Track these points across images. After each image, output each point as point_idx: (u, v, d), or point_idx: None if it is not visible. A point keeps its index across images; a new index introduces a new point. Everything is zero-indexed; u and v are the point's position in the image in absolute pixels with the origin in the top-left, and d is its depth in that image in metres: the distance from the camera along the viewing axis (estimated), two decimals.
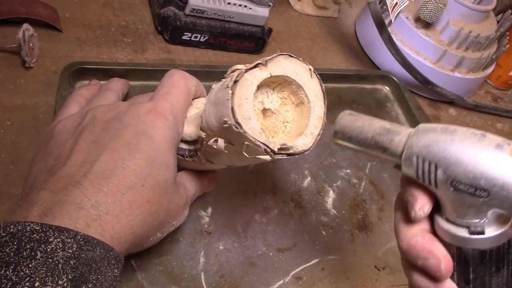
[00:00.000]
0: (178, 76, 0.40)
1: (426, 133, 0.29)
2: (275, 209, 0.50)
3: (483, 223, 0.28)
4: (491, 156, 0.26)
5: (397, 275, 0.50)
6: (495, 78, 0.86)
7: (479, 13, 0.72)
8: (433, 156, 0.28)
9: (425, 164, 0.29)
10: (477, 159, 0.27)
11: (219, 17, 0.62)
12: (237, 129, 0.30)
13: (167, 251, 0.43)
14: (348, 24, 0.85)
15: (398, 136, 0.31)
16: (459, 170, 0.27)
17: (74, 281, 0.26)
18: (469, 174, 0.27)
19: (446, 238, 0.30)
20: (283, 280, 0.45)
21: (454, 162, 0.27)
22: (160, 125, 0.35)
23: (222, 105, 0.31)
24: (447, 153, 0.28)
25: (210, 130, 0.34)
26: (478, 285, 0.30)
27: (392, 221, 0.54)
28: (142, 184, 0.32)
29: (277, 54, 0.33)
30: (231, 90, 0.30)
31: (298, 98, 0.35)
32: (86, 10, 0.62)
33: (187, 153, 0.39)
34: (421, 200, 0.30)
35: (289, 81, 0.34)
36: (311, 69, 0.34)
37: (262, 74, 0.32)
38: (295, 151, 0.33)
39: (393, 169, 0.32)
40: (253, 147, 0.31)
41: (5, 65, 0.51)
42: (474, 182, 0.27)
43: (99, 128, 0.35)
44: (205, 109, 0.34)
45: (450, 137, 0.28)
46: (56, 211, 0.29)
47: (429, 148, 0.28)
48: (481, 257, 0.29)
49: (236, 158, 0.35)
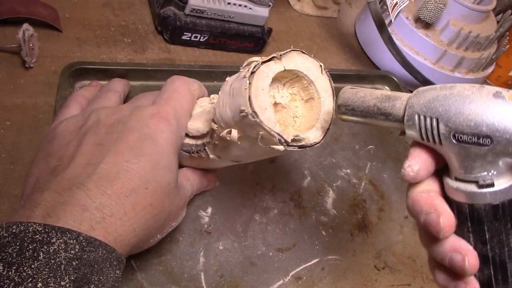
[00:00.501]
0: (180, 82, 0.40)
1: (425, 92, 0.30)
2: (275, 209, 0.50)
3: (492, 175, 0.28)
4: (490, 102, 0.27)
5: (397, 275, 0.50)
6: (495, 79, 0.86)
7: (479, 13, 0.72)
8: (434, 111, 0.28)
9: (427, 121, 0.29)
10: (477, 107, 0.27)
11: (219, 17, 0.62)
12: (254, 118, 0.31)
13: (166, 251, 0.43)
14: (348, 24, 0.85)
15: (399, 101, 0.31)
16: (460, 120, 0.27)
17: (77, 282, 0.26)
18: (470, 122, 0.27)
19: (456, 197, 0.30)
20: (282, 280, 0.45)
21: (455, 113, 0.28)
22: (163, 128, 0.36)
23: (239, 95, 0.32)
24: (447, 106, 0.28)
25: (224, 121, 0.34)
26: (496, 244, 0.29)
27: (392, 222, 0.55)
28: (145, 187, 0.32)
29: (290, 49, 0.34)
30: (248, 81, 0.31)
31: (308, 94, 0.36)
32: (86, 10, 0.62)
33: (194, 149, 0.40)
34: (413, 160, 0.31)
35: (300, 76, 0.35)
36: (321, 66, 0.35)
37: (277, 67, 0.33)
38: (307, 143, 0.34)
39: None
40: (268, 137, 0.32)
41: (5, 65, 0.51)
42: (476, 130, 0.27)
43: (103, 131, 0.35)
44: (218, 101, 0.35)
45: (449, 91, 0.28)
46: (60, 212, 0.29)
47: (430, 105, 0.29)
48: (494, 213, 0.29)
49: (247, 151, 0.36)
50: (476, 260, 0.29)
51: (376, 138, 0.63)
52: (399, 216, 0.55)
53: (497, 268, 0.30)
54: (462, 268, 0.29)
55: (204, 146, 0.39)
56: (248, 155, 0.37)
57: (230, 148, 0.36)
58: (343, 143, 0.61)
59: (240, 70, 0.34)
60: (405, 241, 0.53)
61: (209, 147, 0.39)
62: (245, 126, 0.33)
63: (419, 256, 0.52)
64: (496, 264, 0.30)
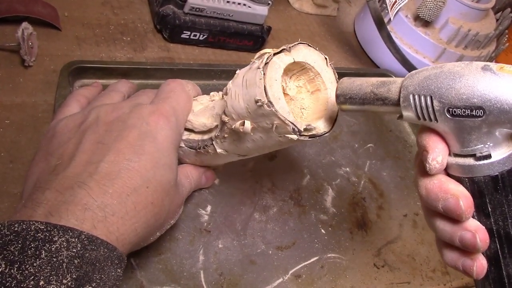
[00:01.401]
0: (175, 83, 0.42)
1: (418, 73, 0.30)
2: (274, 208, 0.50)
3: (488, 147, 0.29)
4: (479, 75, 0.27)
5: (396, 273, 0.50)
6: None
7: (478, 11, 0.72)
8: (427, 90, 0.29)
9: (422, 100, 0.30)
10: (467, 80, 0.28)
11: (218, 15, 0.62)
12: (269, 107, 0.32)
13: (166, 249, 0.43)
14: (347, 22, 0.85)
15: (394, 84, 0.32)
16: (452, 95, 0.28)
17: (78, 280, 0.26)
18: (462, 96, 0.28)
19: (455, 172, 0.31)
20: (282, 278, 0.45)
21: (447, 89, 0.28)
22: (163, 126, 0.36)
23: (254, 85, 0.33)
24: (439, 83, 0.29)
25: (236, 113, 0.35)
26: (499, 217, 0.30)
27: (391, 220, 0.55)
28: (146, 186, 0.33)
29: (297, 42, 0.35)
30: (262, 71, 0.32)
31: (314, 86, 0.37)
32: (85, 8, 0.61)
33: (200, 144, 0.40)
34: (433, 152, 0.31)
35: (307, 69, 0.36)
36: (326, 59, 0.37)
37: (287, 59, 0.34)
38: (317, 133, 0.35)
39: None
40: (282, 126, 0.33)
41: (4, 63, 0.51)
42: (468, 103, 0.28)
43: (103, 129, 0.35)
44: (230, 94, 0.36)
45: (440, 70, 0.29)
46: (62, 211, 0.29)
47: (422, 84, 0.30)
48: (494, 184, 0.30)
49: (257, 143, 0.36)
50: (486, 236, 0.30)
51: (375, 137, 0.64)
52: (398, 214, 0.56)
53: (502, 241, 0.30)
54: (474, 246, 0.30)
55: (212, 141, 0.39)
56: (258, 147, 0.37)
57: (241, 140, 0.37)
58: (342, 142, 0.61)
59: (252, 61, 0.35)
60: (404, 239, 0.53)
61: (217, 141, 0.39)
62: (259, 116, 0.33)
63: (419, 254, 0.52)
64: (501, 237, 0.30)
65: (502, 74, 0.27)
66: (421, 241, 0.54)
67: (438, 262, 0.53)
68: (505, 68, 0.27)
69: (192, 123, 0.40)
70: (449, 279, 0.52)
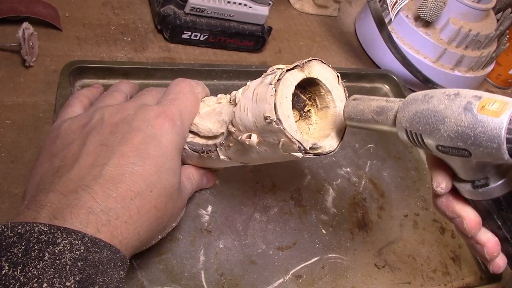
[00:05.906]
0: (185, 84, 0.41)
1: (409, 105, 0.31)
2: (275, 208, 0.50)
3: (484, 176, 0.30)
4: (460, 117, 0.27)
5: (397, 273, 0.50)
6: (495, 77, 0.86)
7: (479, 12, 0.72)
8: (417, 128, 0.30)
9: (413, 135, 0.30)
10: (450, 122, 0.28)
11: (219, 15, 0.62)
12: (278, 125, 0.32)
13: (167, 250, 0.43)
14: (348, 22, 0.85)
15: (392, 112, 0.32)
16: (437, 136, 0.29)
17: (82, 283, 0.26)
18: (447, 138, 0.28)
19: (461, 193, 0.32)
20: (283, 279, 0.45)
21: (432, 129, 0.29)
22: (169, 129, 0.36)
23: (264, 101, 0.32)
24: (426, 123, 0.29)
25: (244, 125, 0.35)
26: (509, 228, 0.32)
27: (392, 220, 0.55)
28: (150, 190, 0.32)
29: (310, 58, 0.35)
30: (274, 88, 0.32)
31: (324, 102, 0.37)
32: (86, 9, 0.61)
33: (204, 148, 0.40)
34: (437, 180, 0.33)
35: (319, 85, 0.36)
36: (338, 76, 0.36)
37: (300, 75, 0.34)
38: (322, 151, 0.35)
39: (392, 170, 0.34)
40: (289, 144, 0.33)
41: (5, 64, 0.51)
42: (453, 145, 0.28)
43: (107, 131, 0.34)
44: (239, 105, 0.35)
45: (427, 106, 0.29)
46: (66, 214, 0.29)
47: (412, 121, 0.30)
48: (498, 205, 0.31)
49: (262, 155, 0.36)
50: (495, 248, 0.32)
51: (376, 137, 0.64)
52: (399, 215, 0.56)
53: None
54: (483, 257, 0.33)
55: (216, 147, 0.39)
56: (261, 158, 0.37)
57: (246, 151, 0.37)
58: (343, 142, 0.60)
59: (264, 75, 0.35)
60: (405, 239, 0.53)
61: (221, 149, 0.39)
62: (266, 132, 0.33)
63: (419, 254, 0.53)
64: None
65: (481, 116, 0.26)
66: (422, 241, 0.54)
67: (439, 262, 0.53)
68: (487, 107, 0.26)
69: (198, 127, 0.40)
70: (450, 280, 0.52)
